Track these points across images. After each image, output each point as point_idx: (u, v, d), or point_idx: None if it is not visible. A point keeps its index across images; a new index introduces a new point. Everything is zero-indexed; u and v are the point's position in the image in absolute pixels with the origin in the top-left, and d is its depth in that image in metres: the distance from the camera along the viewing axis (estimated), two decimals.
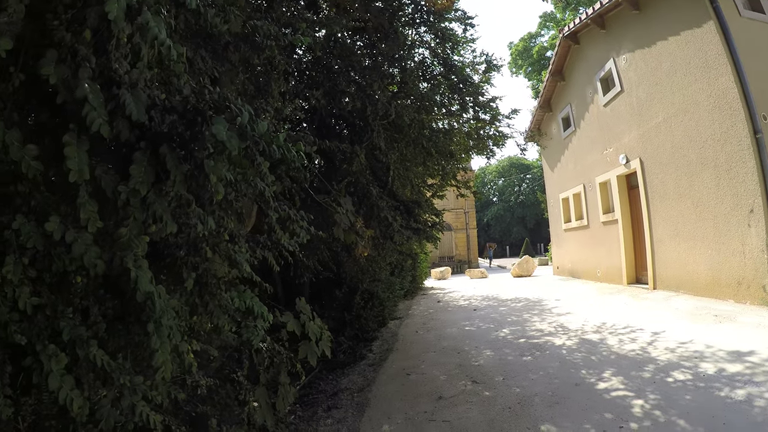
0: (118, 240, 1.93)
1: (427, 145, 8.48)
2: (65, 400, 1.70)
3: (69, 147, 1.72)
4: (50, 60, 1.74)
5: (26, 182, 1.79)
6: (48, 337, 1.79)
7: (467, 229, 36.92)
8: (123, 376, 2.00)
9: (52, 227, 1.72)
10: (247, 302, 2.61)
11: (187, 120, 2.05)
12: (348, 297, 8.43)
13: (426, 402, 5.92)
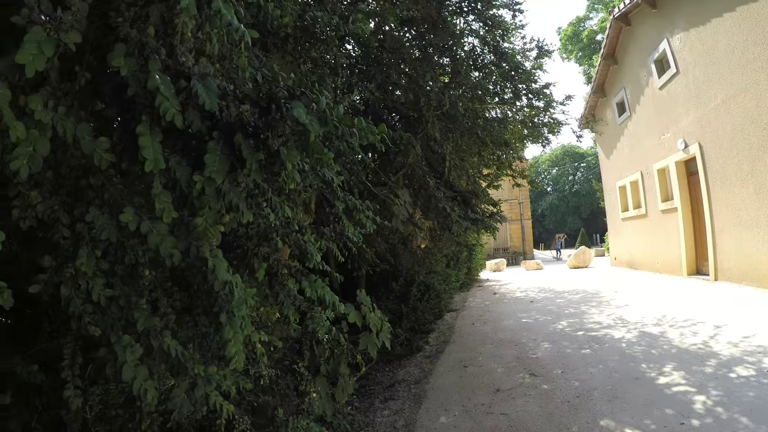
0: (194, 230, 1.94)
1: (482, 135, 8.37)
2: (139, 390, 1.73)
3: (143, 137, 1.73)
4: (119, 53, 1.76)
5: (99, 175, 1.82)
6: (121, 328, 1.82)
7: (522, 220, 36.14)
8: (197, 366, 2.02)
9: (126, 218, 1.74)
10: (319, 292, 2.60)
11: (260, 108, 2.04)
12: (404, 289, 8.41)
13: (483, 394, 5.88)
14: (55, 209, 1.74)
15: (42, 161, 1.42)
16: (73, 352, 2.02)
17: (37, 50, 1.45)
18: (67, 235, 1.74)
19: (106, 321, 1.76)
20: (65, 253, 1.74)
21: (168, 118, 1.72)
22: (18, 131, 1.31)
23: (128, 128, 1.86)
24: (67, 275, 1.70)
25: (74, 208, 1.77)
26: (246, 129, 1.97)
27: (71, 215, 1.76)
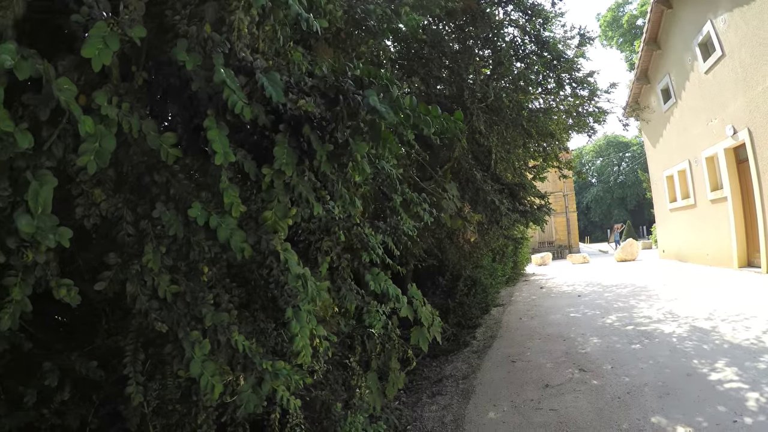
0: (263, 224, 1.93)
1: (527, 126, 8.26)
2: (206, 386, 1.73)
3: (211, 131, 1.73)
4: (182, 48, 1.76)
5: (163, 171, 1.83)
6: (188, 324, 1.83)
7: (567, 212, 35.25)
8: (265, 361, 2.02)
9: (194, 213, 1.74)
10: (382, 285, 2.58)
11: (328, 99, 2.02)
12: (451, 284, 8.38)
13: (532, 390, 5.85)
14: (118, 207, 1.75)
15: (109, 157, 1.43)
16: (135, 348, 2.04)
17: (102, 44, 1.45)
18: (131, 232, 1.76)
19: (172, 317, 1.77)
20: (130, 251, 1.76)
21: (237, 111, 1.71)
22: (87, 125, 1.32)
23: (189, 125, 1.86)
24: (133, 272, 1.71)
25: (138, 206, 1.78)
26: (312, 121, 1.95)
27: (135, 212, 1.77)
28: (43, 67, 1.26)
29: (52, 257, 1.46)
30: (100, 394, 2.95)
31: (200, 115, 1.83)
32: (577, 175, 11.46)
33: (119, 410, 2.99)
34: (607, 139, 65.18)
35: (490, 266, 11.19)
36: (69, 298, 1.47)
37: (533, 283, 17.39)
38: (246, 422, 3.28)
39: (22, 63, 1.23)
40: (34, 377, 2.80)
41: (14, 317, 1.38)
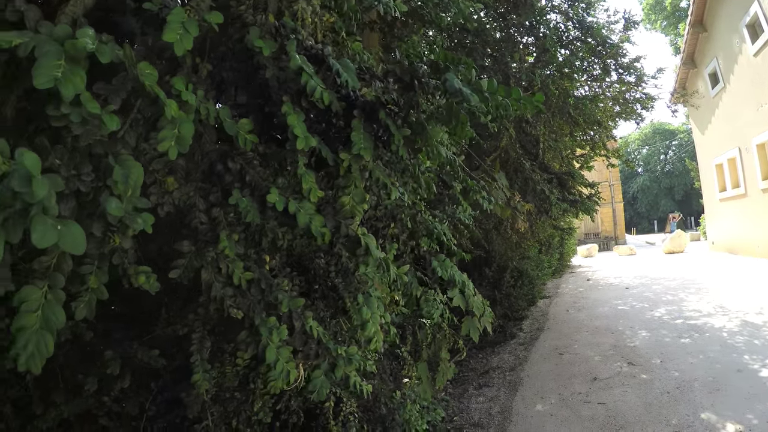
0: (341, 209, 1.94)
1: (574, 114, 8.11)
2: (281, 372, 1.75)
3: (291, 116, 1.73)
4: (255, 35, 1.76)
5: (238, 158, 1.84)
6: (261, 310, 1.84)
7: (613, 203, 34.20)
8: (340, 347, 2.03)
9: (273, 198, 1.75)
10: (449, 271, 2.56)
11: (404, 84, 2.01)
12: (497, 275, 8.29)
13: (580, 383, 5.81)
14: (190, 195, 1.77)
15: (189, 142, 1.44)
16: (201, 336, 2.08)
17: (182, 30, 1.46)
18: (204, 220, 1.78)
19: (246, 303, 1.78)
20: (204, 238, 1.78)
21: (315, 96, 1.72)
22: (173, 108, 1.33)
23: (259, 113, 1.87)
24: (209, 259, 1.73)
25: (210, 194, 1.80)
26: (386, 106, 1.94)
27: (207, 201, 1.79)
28: (124, 52, 1.27)
29: (129, 244, 1.48)
30: (158, 382, 3.03)
31: (272, 102, 1.83)
32: (625, 164, 11.18)
33: (177, 398, 3.08)
34: (653, 126, 63.12)
35: (537, 257, 11.06)
36: (148, 285, 1.49)
37: (580, 274, 17.12)
38: (300, 410, 3.33)
39: (103, 47, 1.25)
40: (94, 366, 2.90)
41: (90, 306, 1.40)
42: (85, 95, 1.16)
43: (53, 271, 1.23)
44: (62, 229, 1.00)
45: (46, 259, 1.23)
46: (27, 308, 1.21)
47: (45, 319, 1.22)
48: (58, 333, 2.70)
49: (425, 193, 2.43)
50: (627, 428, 4.45)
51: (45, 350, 1.23)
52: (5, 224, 0.96)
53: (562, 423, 4.81)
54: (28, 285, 1.23)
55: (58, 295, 1.25)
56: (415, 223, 2.56)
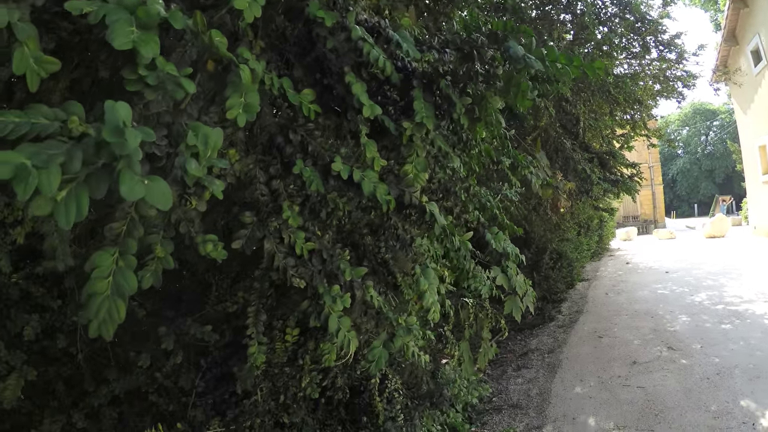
0: (404, 178, 1.94)
1: (614, 92, 7.93)
2: (342, 341, 1.76)
3: (355, 85, 1.74)
4: (315, 6, 1.75)
5: (299, 129, 1.85)
6: (321, 280, 1.85)
7: (652, 185, 33.09)
8: (400, 316, 2.04)
9: (338, 167, 1.76)
10: (502, 244, 2.55)
11: (463, 54, 1.99)
12: (536, 257, 8.23)
13: (619, 366, 5.80)
14: (250, 167, 1.79)
15: (257, 110, 1.44)
16: (257, 310, 2.11)
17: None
18: (264, 192, 1.79)
19: (307, 273, 1.80)
20: (265, 209, 1.79)
21: (379, 64, 1.71)
22: (246, 74, 1.33)
23: (317, 86, 1.86)
24: (271, 229, 1.75)
25: (270, 166, 1.81)
26: (445, 77, 1.93)
27: (267, 173, 1.81)
28: (194, 19, 1.28)
29: (194, 215, 1.50)
30: (208, 359, 3.11)
31: (330, 75, 1.83)
32: (667, 143, 10.90)
33: (226, 374, 3.16)
34: (693, 107, 60.97)
35: (576, 240, 10.94)
36: (215, 253, 1.50)
37: (618, 258, 16.94)
38: (346, 387, 3.38)
39: (176, 13, 1.25)
40: (147, 343, 2.98)
41: (157, 275, 1.40)
42: (160, 59, 1.17)
43: (125, 238, 1.24)
44: (149, 184, 1.01)
45: (117, 226, 1.24)
46: (98, 274, 1.21)
47: (116, 285, 1.22)
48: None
49: (483, 163, 2.41)
50: (666, 413, 4.44)
51: (117, 316, 1.23)
52: (89, 180, 0.97)
53: (601, 406, 4.82)
54: (100, 251, 1.24)
55: (129, 262, 1.25)
56: (468, 195, 2.55)
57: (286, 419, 3.11)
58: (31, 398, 2.82)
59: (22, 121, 0.96)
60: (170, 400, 3.04)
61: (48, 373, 2.84)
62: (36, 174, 0.90)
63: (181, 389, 3.04)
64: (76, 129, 0.97)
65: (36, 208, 0.94)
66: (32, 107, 1.00)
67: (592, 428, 4.51)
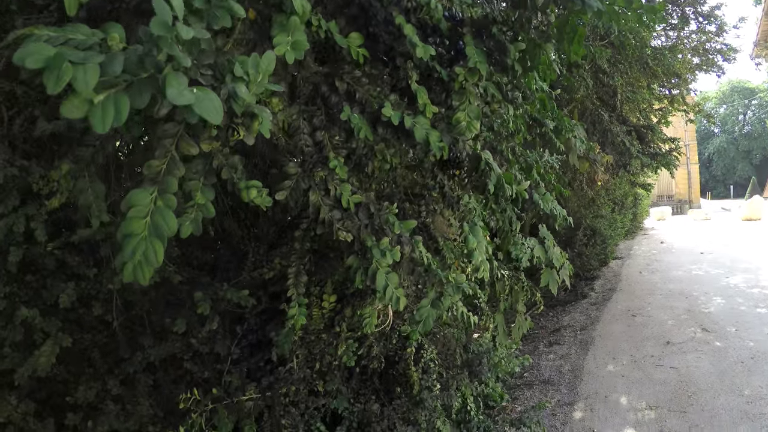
0: (457, 125, 1.85)
1: (652, 64, 7.68)
2: (390, 298, 1.70)
3: (407, 27, 1.65)
4: None
5: (346, 77, 1.76)
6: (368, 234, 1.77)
7: (688, 164, 32.00)
8: (449, 273, 1.96)
9: (388, 112, 1.68)
10: (549, 204, 2.46)
11: (513, 2, 1.89)
12: (570, 233, 8.10)
13: (653, 346, 5.80)
14: (294, 117, 1.72)
15: (305, 48, 1.36)
16: (297, 271, 2.05)
17: None
18: (309, 143, 1.72)
19: (354, 227, 1.72)
20: (310, 160, 1.72)
21: (431, 5, 1.62)
22: (297, 3, 1.25)
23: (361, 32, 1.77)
24: (317, 180, 1.67)
25: (314, 117, 1.74)
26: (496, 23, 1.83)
27: (311, 124, 1.73)
28: None
29: (237, 161, 1.42)
30: (243, 325, 3.09)
31: (376, 23, 1.74)
32: (706, 118, 10.56)
33: (261, 341, 3.14)
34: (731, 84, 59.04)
35: (610, 217, 10.72)
36: (260, 199, 1.41)
37: (652, 237, 16.78)
38: (381, 356, 3.34)
39: None
40: (182, 309, 2.96)
41: (197, 222, 1.28)
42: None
43: (165, 176, 1.16)
44: (198, 93, 0.93)
45: (157, 164, 1.16)
46: (135, 214, 1.12)
47: (154, 226, 1.12)
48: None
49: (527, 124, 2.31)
50: (699, 395, 4.40)
51: (154, 259, 1.13)
52: (130, 88, 0.90)
53: (634, 384, 4.80)
54: (137, 189, 1.16)
55: (168, 201, 1.16)
56: (515, 155, 2.45)
57: (320, 387, 3.08)
58: (66, 366, 2.80)
59: (58, 35, 0.89)
60: (205, 368, 3.02)
61: (83, 341, 2.83)
62: (70, 69, 0.82)
63: (216, 356, 3.03)
64: (116, 45, 0.90)
65: (69, 108, 0.86)
66: (69, 24, 0.93)
67: (623, 407, 4.49)
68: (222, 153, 1.32)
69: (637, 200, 15.68)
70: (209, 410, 2.68)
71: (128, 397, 2.85)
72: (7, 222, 2.49)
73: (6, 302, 2.58)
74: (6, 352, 2.57)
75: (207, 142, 1.25)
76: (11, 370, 2.55)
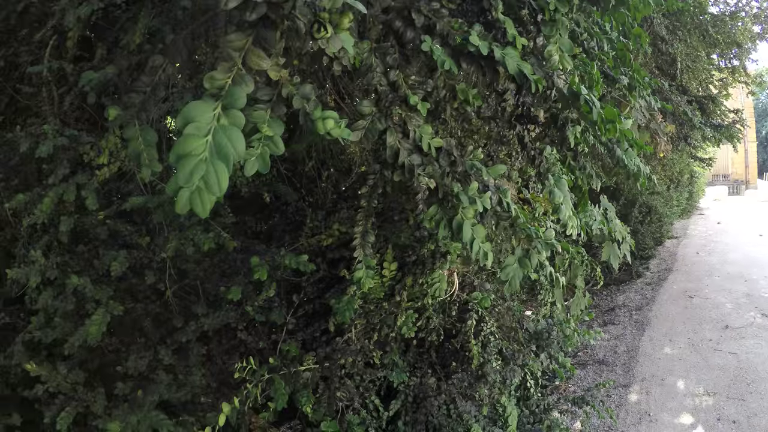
0: (549, 58, 1.70)
1: (712, 32, 7.29)
2: (477, 253, 1.56)
3: None
4: None
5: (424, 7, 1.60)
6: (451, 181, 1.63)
7: (745, 143, 30.62)
8: (538, 228, 1.82)
9: (476, 41, 1.53)
10: (634, 161, 2.29)
11: None
12: (625, 210, 7.87)
13: (710, 329, 5.64)
14: (365, 55, 1.58)
15: None
16: (364, 231, 1.93)
17: None
18: (383, 83, 1.59)
19: (436, 172, 1.58)
20: (386, 99, 1.58)
21: None
22: None
23: None
24: (395, 119, 1.54)
25: (387, 55, 1.60)
26: None
27: (384, 62, 1.59)
28: None
29: (309, 90, 1.27)
30: (300, 294, 3.02)
31: None
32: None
33: (317, 311, 3.07)
34: None
35: (666, 194, 10.36)
36: (338, 131, 1.24)
37: (709, 217, 16.26)
38: (440, 328, 3.24)
39: None
40: (237, 277, 2.91)
41: (263, 159, 1.09)
42: None
43: (231, 87, 0.99)
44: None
45: (221, 76, 1.01)
46: (194, 131, 0.95)
47: (217, 146, 0.95)
48: (197, 246, 2.72)
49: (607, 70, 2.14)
50: (758, 383, 4.25)
51: (216, 185, 0.94)
52: None
53: (691, 369, 4.68)
54: (196, 101, 0.99)
55: (235, 118, 0.99)
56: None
57: (377, 359, 3.00)
58: (118, 335, 2.80)
59: None
60: (259, 338, 2.97)
61: (135, 310, 2.82)
62: None
63: (271, 326, 2.99)
64: None
65: None
66: None
67: (680, 391, 4.36)
68: (291, 82, 1.18)
69: (694, 178, 15.13)
70: (265, 380, 2.62)
71: (180, 367, 2.82)
72: (57, 191, 2.48)
73: (58, 272, 2.58)
74: (57, 322, 2.58)
75: (274, 70, 1.11)
76: (62, 340, 2.55)
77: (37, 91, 2.82)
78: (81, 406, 2.53)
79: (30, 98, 2.91)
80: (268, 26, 1.02)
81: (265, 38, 1.02)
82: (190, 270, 2.92)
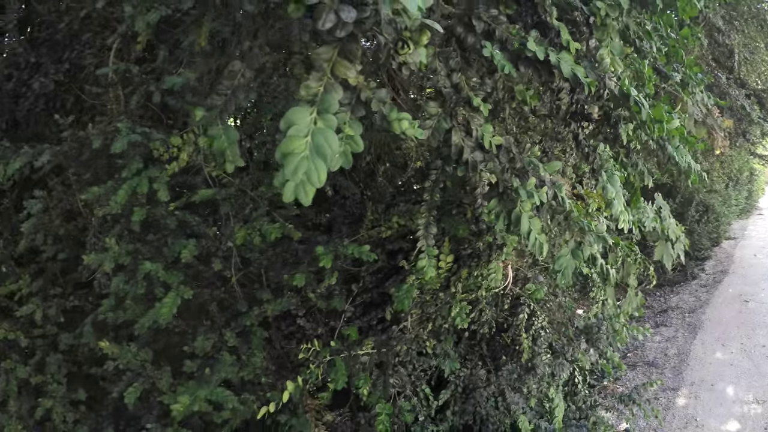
0: (601, 61, 1.79)
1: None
2: (534, 244, 1.66)
3: None
4: None
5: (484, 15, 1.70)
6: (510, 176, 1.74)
7: None
8: (591, 221, 1.91)
9: (533, 47, 1.63)
10: (684, 158, 2.33)
11: None
12: (681, 208, 7.67)
13: (764, 335, 5.55)
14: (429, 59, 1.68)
15: None
16: (427, 222, 2.04)
17: None
18: (447, 85, 1.70)
19: (497, 168, 1.69)
20: (450, 101, 1.70)
21: None
22: None
23: None
24: (459, 118, 1.66)
25: (449, 58, 1.71)
26: None
27: (447, 65, 1.71)
28: None
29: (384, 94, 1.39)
30: (359, 284, 3.16)
31: None
32: None
33: (374, 301, 3.20)
34: None
35: (725, 192, 10.02)
36: (412, 130, 1.37)
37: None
38: (492, 321, 3.32)
39: None
40: (299, 266, 3.06)
41: (346, 156, 1.27)
42: None
43: (324, 95, 1.15)
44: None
45: (315, 84, 1.17)
46: (295, 132, 1.12)
47: (316, 146, 1.13)
48: (264, 237, 2.88)
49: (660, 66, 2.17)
50: None
51: (316, 178, 1.13)
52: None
53: (742, 375, 4.62)
54: (295, 107, 1.16)
55: (328, 121, 1.16)
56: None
57: (429, 348, 3.11)
58: (185, 318, 2.96)
59: None
60: (318, 324, 3.12)
61: (202, 295, 2.98)
62: None
63: (329, 313, 3.13)
64: None
65: None
66: None
67: (730, 398, 4.32)
68: (368, 87, 1.32)
69: (753, 176, 14.50)
70: (326, 363, 2.77)
71: (243, 348, 2.99)
72: (130, 184, 2.67)
73: (130, 259, 2.78)
74: (128, 305, 2.76)
75: (353, 76, 1.25)
76: (132, 321, 2.73)
77: (104, 91, 2.99)
78: (147, 382, 2.74)
79: (96, 98, 3.08)
80: (352, 40, 1.16)
81: (350, 50, 1.17)
82: (254, 259, 3.07)
